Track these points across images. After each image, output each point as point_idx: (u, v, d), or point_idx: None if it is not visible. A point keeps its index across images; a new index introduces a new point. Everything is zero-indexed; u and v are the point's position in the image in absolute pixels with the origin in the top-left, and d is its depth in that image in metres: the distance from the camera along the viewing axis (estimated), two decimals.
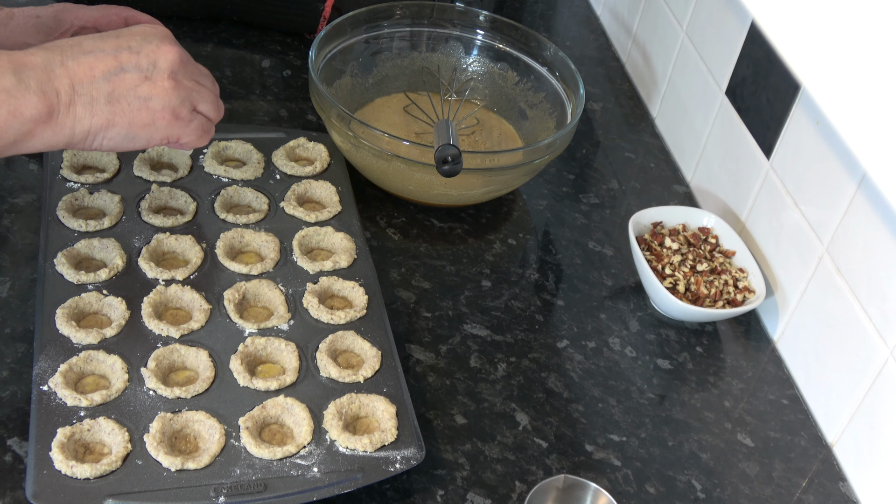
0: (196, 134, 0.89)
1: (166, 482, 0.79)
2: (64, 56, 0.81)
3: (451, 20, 1.28)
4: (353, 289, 0.98)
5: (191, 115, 0.88)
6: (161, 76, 0.85)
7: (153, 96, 0.85)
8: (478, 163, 1.08)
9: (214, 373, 0.88)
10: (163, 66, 0.85)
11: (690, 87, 1.28)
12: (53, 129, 0.81)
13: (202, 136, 0.90)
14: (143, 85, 0.84)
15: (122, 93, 0.83)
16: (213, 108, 0.90)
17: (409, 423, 0.86)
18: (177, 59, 0.86)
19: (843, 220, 0.97)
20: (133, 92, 0.84)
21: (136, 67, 0.84)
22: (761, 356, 1.07)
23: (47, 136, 0.81)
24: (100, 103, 0.82)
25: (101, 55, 0.83)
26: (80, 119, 0.82)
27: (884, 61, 0.70)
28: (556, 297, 1.09)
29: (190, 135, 0.89)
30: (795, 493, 0.93)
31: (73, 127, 0.82)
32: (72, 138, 0.83)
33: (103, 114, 0.83)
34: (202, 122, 0.90)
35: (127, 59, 0.84)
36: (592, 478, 0.89)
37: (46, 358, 0.86)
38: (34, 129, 0.80)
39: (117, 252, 0.96)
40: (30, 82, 0.78)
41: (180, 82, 0.86)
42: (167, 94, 0.85)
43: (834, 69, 0.76)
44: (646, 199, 1.24)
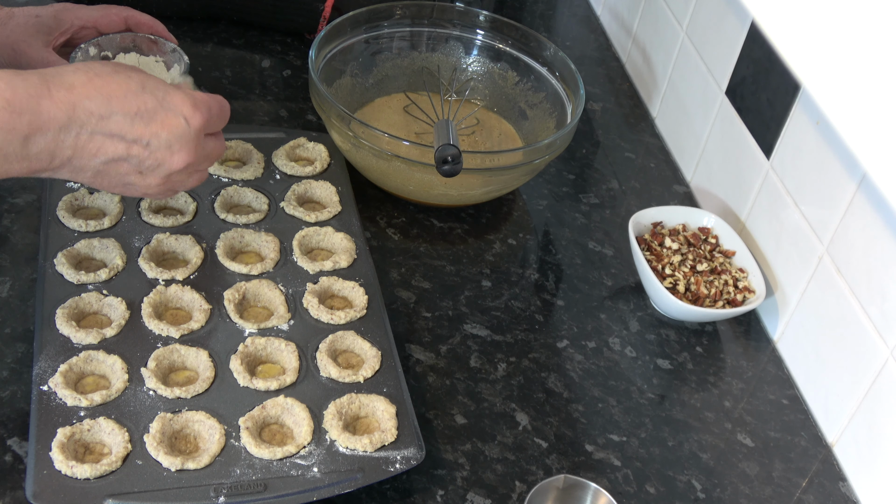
0: (162, 196, 0.89)
1: (166, 482, 0.79)
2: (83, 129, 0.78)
3: (451, 20, 1.28)
4: (353, 289, 0.98)
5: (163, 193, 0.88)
6: (155, 176, 0.84)
7: (136, 185, 0.84)
8: (478, 163, 1.08)
9: (214, 373, 0.88)
10: (164, 169, 0.84)
11: (690, 87, 1.28)
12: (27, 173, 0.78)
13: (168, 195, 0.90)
14: (133, 177, 0.83)
15: (110, 175, 0.82)
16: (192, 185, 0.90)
17: (409, 423, 0.86)
18: (182, 167, 0.84)
19: (843, 220, 0.97)
20: (120, 178, 0.83)
21: (138, 163, 0.82)
22: (761, 356, 1.07)
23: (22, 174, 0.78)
24: (84, 175, 0.81)
25: (118, 140, 0.80)
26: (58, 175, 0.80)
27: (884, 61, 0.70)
28: (556, 297, 1.09)
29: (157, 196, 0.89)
30: (795, 493, 0.93)
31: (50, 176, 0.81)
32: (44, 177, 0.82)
33: (83, 179, 0.82)
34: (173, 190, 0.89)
35: (136, 153, 0.81)
36: (592, 478, 0.89)
37: (46, 358, 0.86)
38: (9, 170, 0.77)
39: (117, 252, 0.96)
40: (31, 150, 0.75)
41: (171, 178, 0.85)
42: (149, 188, 0.85)
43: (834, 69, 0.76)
44: (646, 199, 1.24)
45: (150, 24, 1.14)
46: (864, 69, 0.72)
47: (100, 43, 1.08)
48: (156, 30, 1.16)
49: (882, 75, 0.70)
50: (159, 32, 1.16)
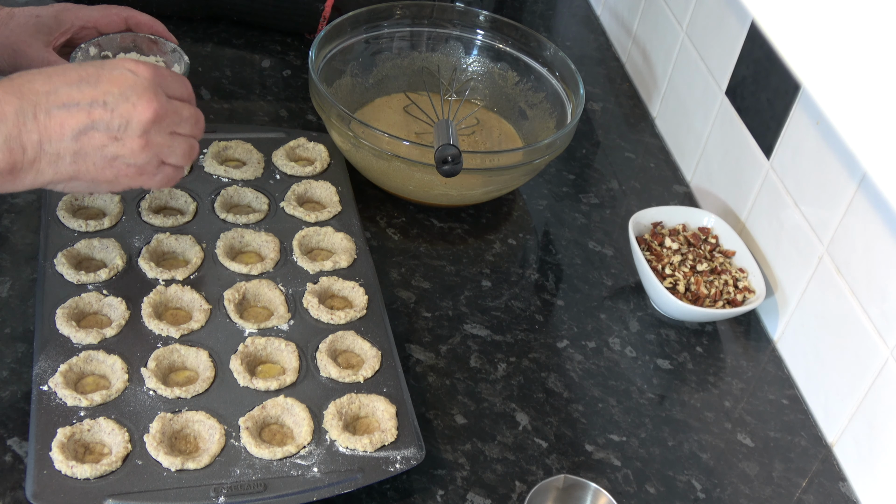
0: (161, 183, 0.88)
1: (166, 482, 0.79)
2: (37, 108, 0.78)
3: (451, 20, 1.28)
4: (353, 289, 0.98)
5: (157, 169, 0.86)
6: (131, 136, 0.82)
7: (119, 156, 0.82)
8: (478, 163, 1.08)
9: (214, 373, 0.88)
10: (135, 125, 0.82)
11: (690, 87, 1.28)
12: (13, 182, 0.79)
13: (167, 183, 0.88)
14: (112, 145, 0.81)
15: (88, 151, 0.81)
16: (183, 158, 0.88)
17: (409, 423, 0.86)
18: (151, 117, 0.82)
19: (843, 220, 0.97)
20: (100, 152, 0.81)
21: (106, 127, 0.81)
22: (761, 356, 1.07)
23: (6, 186, 0.79)
24: (65, 161, 0.80)
25: (75, 110, 0.79)
26: (43, 172, 0.80)
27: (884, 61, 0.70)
28: (556, 297, 1.09)
29: (154, 184, 0.87)
30: (795, 493, 0.93)
31: (35, 180, 0.80)
32: (32, 187, 0.81)
33: (66, 170, 0.81)
34: (168, 172, 0.87)
35: (99, 116, 0.80)
36: (592, 478, 0.89)
37: (46, 358, 0.86)
38: None
39: (117, 252, 0.96)
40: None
41: (151, 140, 0.83)
42: (134, 155, 0.83)
43: (834, 69, 0.76)
44: (646, 199, 1.24)
45: (151, 24, 1.14)
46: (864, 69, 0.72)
47: (100, 43, 1.08)
48: (156, 30, 1.16)
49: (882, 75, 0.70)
50: (159, 32, 1.16)
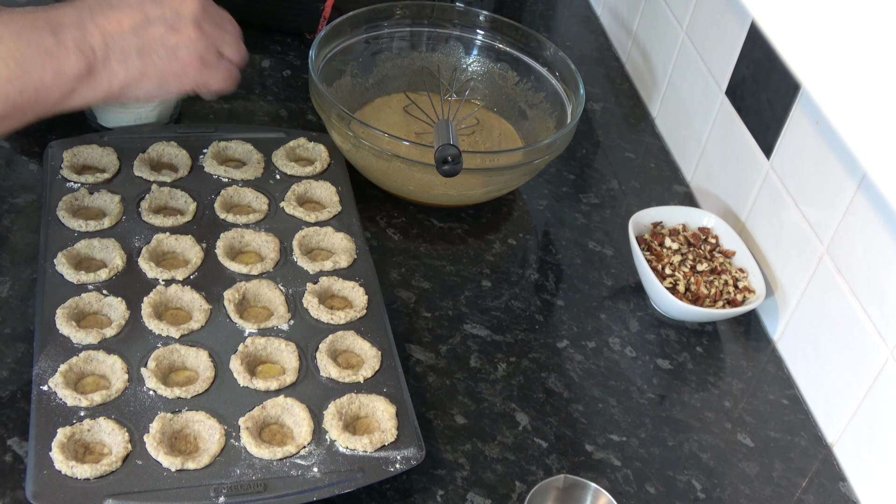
0: (223, 78, 0.93)
1: (166, 482, 0.79)
2: (93, 12, 0.84)
3: (451, 20, 1.28)
4: (353, 289, 0.98)
5: (217, 61, 0.91)
6: (186, 25, 0.88)
7: (180, 45, 0.88)
8: (478, 163, 1.08)
9: (214, 373, 0.88)
10: (186, 15, 0.88)
11: (690, 87, 1.28)
12: (93, 85, 0.84)
13: (228, 80, 0.94)
14: (170, 35, 0.87)
15: (150, 45, 0.86)
16: (236, 52, 0.94)
17: (409, 423, 0.86)
18: (198, 6, 0.89)
19: (843, 220, 0.97)
20: (161, 43, 0.87)
21: (161, 19, 0.87)
22: (761, 356, 1.07)
23: (87, 92, 0.85)
24: (132, 56, 0.86)
25: (128, 9, 0.86)
26: (116, 73, 0.85)
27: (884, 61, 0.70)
28: (556, 297, 1.09)
29: (218, 80, 0.92)
30: (795, 493, 0.93)
31: (110, 81, 0.85)
32: (108, 92, 0.86)
33: (136, 67, 0.86)
34: (228, 66, 0.93)
35: (152, 11, 0.87)
36: (592, 478, 0.89)
37: (46, 358, 0.86)
38: (77, 86, 0.83)
39: (117, 252, 0.96)
40: (67, 41, 0.81)
41: (204, 29, 0.89)
42: (193, 43, 0.89)
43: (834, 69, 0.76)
44: (646, 199, 1.24)
45: None
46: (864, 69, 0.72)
47: None
48: None
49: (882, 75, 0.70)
50: None
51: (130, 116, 1.12)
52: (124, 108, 1.11)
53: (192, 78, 0.91)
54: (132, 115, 1.12)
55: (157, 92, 0.90)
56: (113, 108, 1.11)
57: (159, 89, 0.90)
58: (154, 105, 1.12)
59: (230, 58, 0.94)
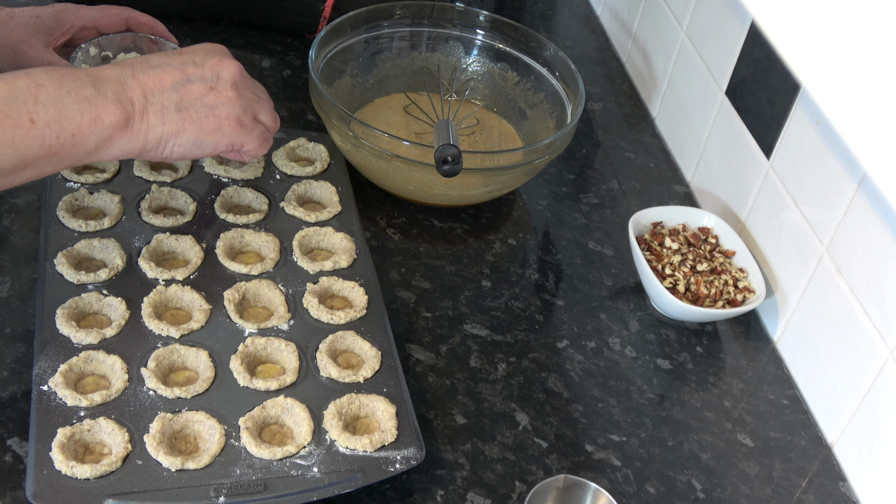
0: (258, 141, 0.94)
1: (166, 482, 0.79)
2: (134, 70, 0.86)
3: (451, 20, 1.28)
4: (353, 289, 0.98)
5: (253, 124, 0.93)
6: (224, 87, 0.90)
7: (219, 104, 0.90)
8: (478, 163, 1.08)
9: (214, 373, 0.88)
10: (226, 77, 0.91)
11: (690, 87, 1.28)
12: (129, 136, 0.85)
13: (263, 143, 0.95)
14: (209, 95, 0.89)
15: (190, 102, 0.88)
16: (271, 118, 0.96)
17: (409, 423, 0.86)
18: (237, 71, 0.92)
19: (843, 220, 0.97)
20: (200, 101, 0.89)
21: (201, 79, 0.89)
22: (761, 356, 1.07)
23: (124, 143, 0.85)
24: (170, 111, 0.87)
25: (169, 69, 0.88)
26: (153, 126, 0.86)
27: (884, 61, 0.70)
28: (556, 297, 1.09)
29: (253, 142, 0.94)
30: (795, 493, 0.93)
31: (147, 134, 0.86)
32: (145, 145, 0.87)
33: (174, 121, 0.87)
34: (262, 130, 0.95)
35: (193, 72, 0.89)
36: (592, 478, 0.89)
37: (46, 358, 0.86)
38: (113, 135, 0.84)
39: (117, 252, 0.96)
40: (107, 92, 0.83)
41: (242, 93, 0.92)
42: (231, 103, 0.90)
43: (834, 69, 0.76)
44: (646, 199, 1.24)
45: (151, 24, 1.14)
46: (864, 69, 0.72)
47: (100, 43, 1.08)
48: (156, 30, 1.16)
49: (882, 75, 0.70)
50: (160, 32, 1.16)
51: None
52: None
53: (229, 137, 0.92)
54: None
55: (194, 149, 0.90)
56: None
57: (196, 146, 0.90)
58: None
59: (265, 123, 0.96)
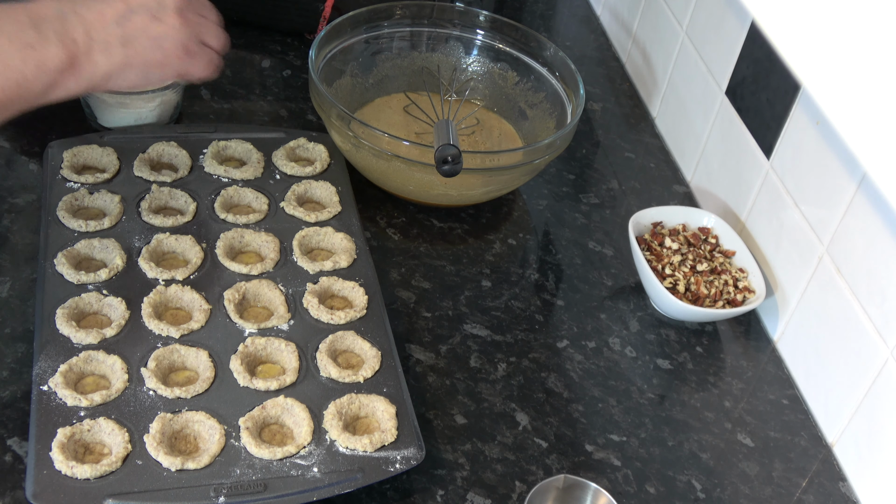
0: (205, 67, 0.94)
1: (166, 482, 0.79)
2: (75, 4, 0.84)
3: (451, 20, 1.28)
4: (353, 289, 0.98)
5: (200, 48, 0.92)
6: (168, 14, 0.89)
7: (164, 35, 0.88)
8: (478, 163, 1.08)
9: (214, 373, 0.88)
10: (169, 4, 0.89)
11: (690, 87, 1.28)
12: (76, 77, 0.84)
13: (210, 67, 0.94)
14: (153, 25, 0.88)
15: (134, 35, 0.87)
16: (217, 40, 0.94)
17: (409, 423, 0.86)
18: None
19: (843, 220, 0.97)
20: (144, 33, 0.87)
21: (143, 8, 0.87)
22: (761, 356, 1.07)
23: (71, 84, 0.85)
24: (115, 47, 0.86)
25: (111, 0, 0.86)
26: (99, 64, 0.85)
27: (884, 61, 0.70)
28: (556, 297, 1.09)
29: (199, 69, 0.93)
30: (795, 493, 0.93)
31: (93, 73, 0.85)
32: (91, 82, 0.86)
33: (119, 57, 0.86)
34: (210, 54, 0.94)
35: (134, 1, 0.87)
36: (592, 478, 0.89)
37: (46, 358, 0.86)
38: (58, 79, 0.83)
39: (117, 252, 0.96)
40: (49, 33, 0.81)
41: (187, 18, 0.90)
42: (176, 32, 0.89)
43: (834, 69, 0.76)
44: (646, 199, 1.24)
45: None
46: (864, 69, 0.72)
47: None
48: None
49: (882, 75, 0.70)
50: None
51: (130, 116, 1.12)
52: (124, 107, 1.11)
53: (175, 67, 0.91)
54: (132, 115, 1.12)
55: (140, 82, 0.91)
56: (113, 108, 1.11)
57: (142, 79, 0.90)
58: (154, 105, 1.12)
59: (212, 45, 0.94)
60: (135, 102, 1.10)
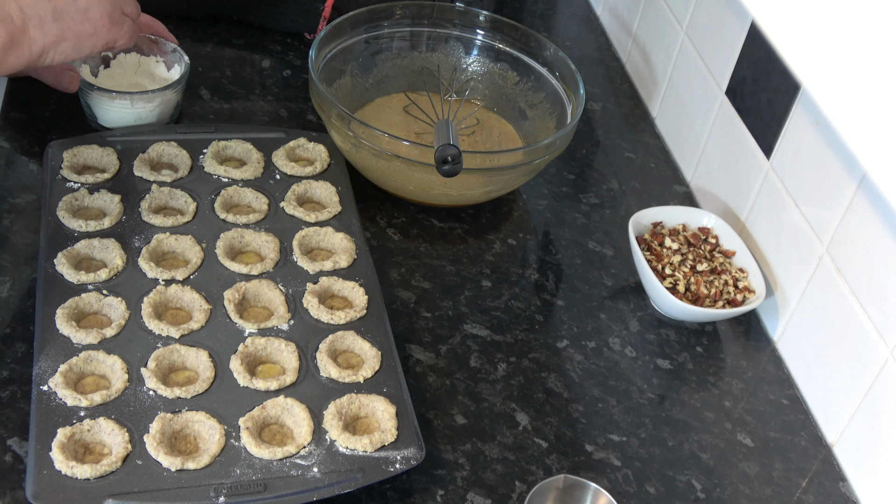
0: (128, 35, 1.01)
1: (166, 482, 0.79)
2: None
3: (451, 20, 1.28)
4: (353, 289, 0.98)
5: (122, 18, 0.98)
6: None
7: (90, 6, 0.94)
8: (478, 163, 1.08)
9: (214, 373, 0.88)
10: None
11: (690, 87, 1.28)
12: (16, 54, 0.90)
13: (132, 36, 1.02)
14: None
15: (63, 9, 0.92)
16: (134, 8, 1.01)
17: (409, 423, 0.86)
18: None
19: (843, 220, 0.97)
20: (73, 6, 0.93)
21: None
22: (761, 356, 1.07)
23: (11, 61, 0.90)
24: (48, 22, 0.91)
25: None
26: (35, 40, 0.91)
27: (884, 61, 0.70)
28: (556, 297, 1.09)
29: (124, 37, 0.99)
30: (795, 493, 0.93)
31: (31, 48, 0.91)
32: (30, 58, 0.91)
33: (53, 31, 0.92)
34: (130, 23, 1.00)
35: None
36: (592, 478, 0.89)
37: (46, 358, 0.86)
38: (1, 56, 0.88)
39: (117, 252, 0.96)
40: None
41: None
42: (102, 3, 0.95)
43: (834, 69, 0.76)
44: (646, 199, 1.24)
45: (151, 24, 1.14)
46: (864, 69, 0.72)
47: None
48: (156, 30, 1.16)
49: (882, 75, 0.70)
50: (159, 32, 1.16)
51: (130, 116, 1.12)
52: (124, 107, 1.11)
53: (104, 37, 0.97)
54: (132, 115, 1.12)
55: (73, 54, 0.96)
56: (113, 108, 1.11)
57: (75, 51, 0.95)
58: (154, 105, 1.12)
59: (130, 15, 1.01)
60: (135, 102, 1.10)
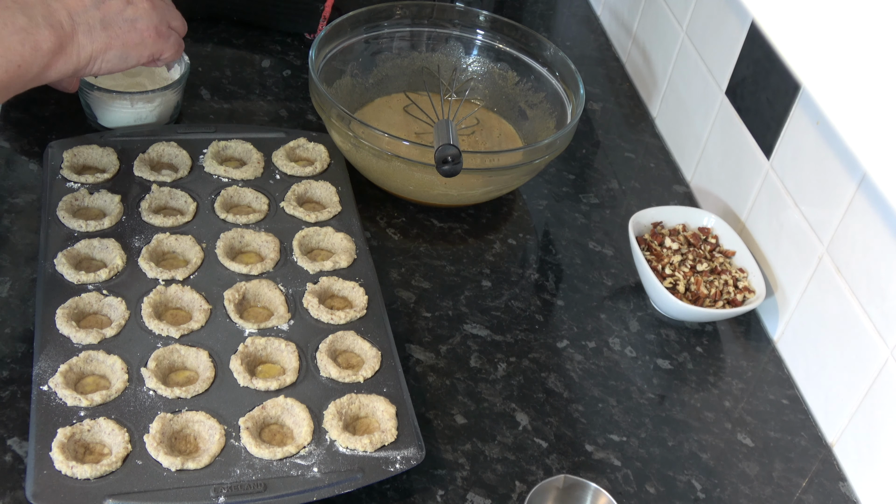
0: (174, 48, 1.04)
1: (166, 482, 0.79)
2: None
3: (451, 20, 1.28)
4: (353, 289, 0.98)
5: (168, 31, 1.01)
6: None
7: (138, 17, 0.96)
8: (478, 163, 1.08)
9: (214, 373, 0.88)
10: None
11: (690, 87, 1.28)
12: (65, 59, 0.91)
13: (178, 49, 1.05)
14: (128, 9, 0.96)
15: (112, 18, 0.94)
16: (181, 23, 1.04)
17: (409, 423, 0.86)
18: None
19: (843, 220, 0.97)
20: (121, 16, 0.95)
21: None
22: (761, 356, 1.07)
23: (60, 66, 0.91)
24: (96, 30, 0.93)
25: None
26: (83, 46, 0.93)
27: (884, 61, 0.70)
28: (556, 297, 1.09)
29: (170, 49, 1.02)
30: (795, 493, 0.93)
31: (79, 54, 0.93)
32: (78, 65, 0.93)
33: (101, 39, 0.94)
34: (177, 37, 1.02)
35: None
36: (592, 478, 0.89)
37: (46, 358, 0.86)
38: (51, 60, 0.90)
39: (117, 252, 0.96)
40: (38, 18, 0.88)
41: (155, 2, 0.98)
42: (148, 14, 0.97)
43: (834, 69, 0.76)
44: (646, 199, 1.24)
45: None
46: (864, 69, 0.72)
47: None
48: None
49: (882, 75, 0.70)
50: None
51: (130, 116, 1.12)
52: (124, 107, 1.11)
53: (150, 47, 0.99)
54: (132, 115, 1.12)
55: (120, 63, 0.97)
56: (113, 108, 1.11)
57: (122, 61, 0.97)
58: (154, 105, 1.12)
59: (177, 29, 1.04)
60: (135, 102, 1.10)
